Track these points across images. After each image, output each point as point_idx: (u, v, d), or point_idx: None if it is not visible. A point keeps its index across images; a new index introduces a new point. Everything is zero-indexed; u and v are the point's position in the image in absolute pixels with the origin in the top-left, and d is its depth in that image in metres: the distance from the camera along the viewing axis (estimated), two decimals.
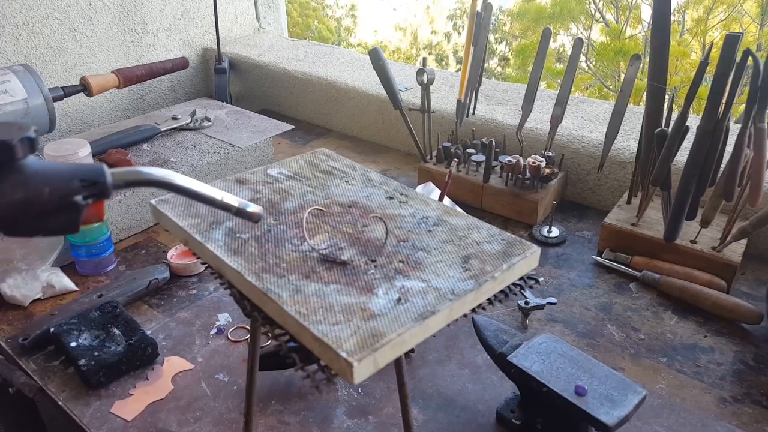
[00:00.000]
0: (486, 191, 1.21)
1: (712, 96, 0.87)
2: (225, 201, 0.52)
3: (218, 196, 0.52)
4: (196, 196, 0.51)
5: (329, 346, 0.46)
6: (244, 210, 0.52)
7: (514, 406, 0.75)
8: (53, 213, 0.45)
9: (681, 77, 5.70)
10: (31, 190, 0.44)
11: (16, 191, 0.44)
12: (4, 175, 0.44)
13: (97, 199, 0.47)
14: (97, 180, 0.46)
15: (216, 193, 0.52)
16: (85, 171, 0.46)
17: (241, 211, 0.53)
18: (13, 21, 1.40)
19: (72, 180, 0.45)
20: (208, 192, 0.51)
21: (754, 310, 0.90)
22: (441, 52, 9.90)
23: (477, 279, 0.55)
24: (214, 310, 0.95)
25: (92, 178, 0.46)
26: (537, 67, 1.22)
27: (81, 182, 0.45)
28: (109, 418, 0.76)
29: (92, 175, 0.46)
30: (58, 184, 0.45)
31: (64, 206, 0.45)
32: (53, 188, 0.44)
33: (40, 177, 0.44)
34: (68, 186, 0.45)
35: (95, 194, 0.46)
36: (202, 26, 1.83)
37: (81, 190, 0.45)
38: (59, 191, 0.45)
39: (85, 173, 0.46)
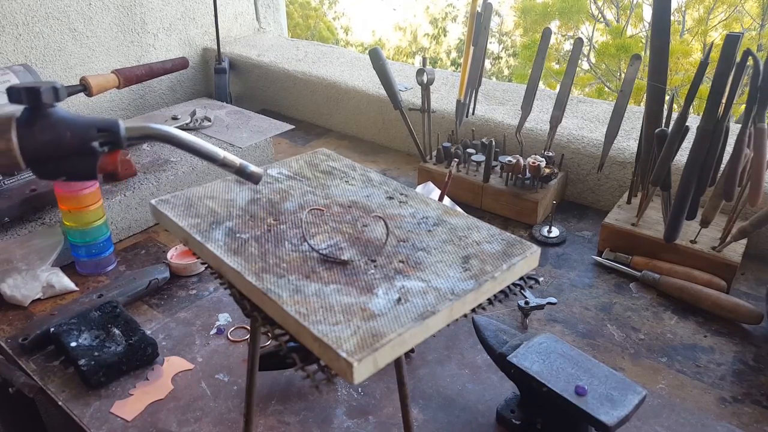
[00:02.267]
0: (486, 191, 1.21)
1: (712, 96, 0.87)
2: (227, 159, 0.56)
3: (220, 154, 0.56)
4: (199, 152, 0.56)
5: (329, 346, 0.46)
6: (244, 170, 0.57)
7: (514, 406, 0.75)
8: (74, 156, 0.51)
9: (682, 77, 5.70)
10: (56, 133, 0.50)
11: (44, 133, 0.50)
12: (35, 119, 0.50)
13: (112, 148, 0.53)
14: (113, 130, 0.52)
15: (218, 151, 0.56)
16: (103, 122, 0.52)
17: (242, 170, 0.57)
18: (13, 21, 1.40)
19: (90, 128, 0.51)
20: (210, 149, 0.56)
21: (754, 310, 0.90)
22: (436, 54, 9.90)
23: (477, 279, 0.55)
24: (214, 310, 0.95)
25: (108, 128, 0.52)
26: (536, 67, 1.22)
27: (98, 131, 0.52)
28: (109, 418, 0.76)
29: (108, 126, 0.52)
30: (79, 130, 0.51)
31: (84, 150, 0.51)
32: (74, 133, 0.51)
33: (64, 123, 0.51)
34: (87, 133, 0.51)
35: (110, 142, 0.52)
36: (202, 26, 1.83)
37: (98, 137, 0.52)
38: (79, 136, 0.51)
39: (103, 124, 0.52)
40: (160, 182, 1.17)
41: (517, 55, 8.15)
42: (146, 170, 1.20)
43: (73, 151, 0.51)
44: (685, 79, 5.67)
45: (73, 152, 0.51)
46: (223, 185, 0.71)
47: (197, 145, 0.56)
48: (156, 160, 1.24)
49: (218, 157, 0.56)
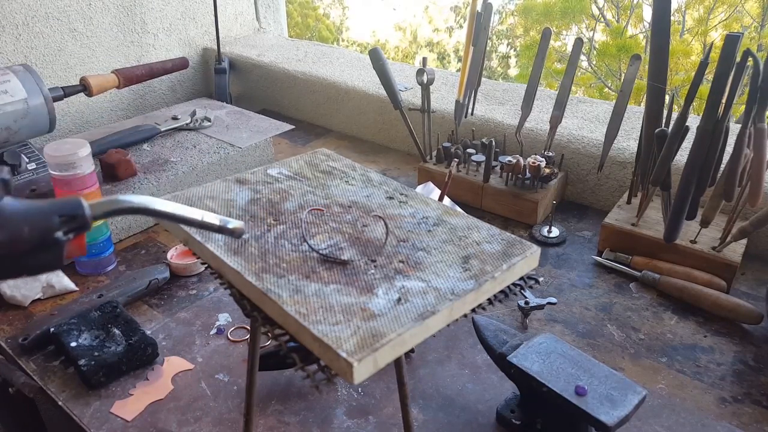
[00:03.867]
0: (486, 191, 1.21)
1: (712, 96, 0.87)
2: (205, 220, 0.52)
3: (198, 216, 0.52)
4: (176, 218, 0.51)
5: (329, 346, 0.46)
6: (225, 227, 0.53)
7: (514, 406, 0.75)
8: (35, 251, 0.45)
9: (682, 77, 5.70)
10: (11, 231, 0.43)
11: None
12: None
13: (78, 233, 0.47)
14: (76, 214, 0.46)
15: (195, 213, 0.52)
16: (63, 206, 0.46)
17: (223, 228, 0.53)
18: (13, 21, 1.40)
19: (51, 216, 0.45)
20: (187, 214, 0.52)
21: (754, 310, 0.90)
22: (442, 51, 9.88)
23: (477, 279, 0.55)
24: (214, 310, 0.95)
25: (71, 212, 0.46)
26: (537, 67, 1.22)
27: (60, 218, 0.45)
28: (109, 418, 0.76)
29: (71, 209, 0.46)
30: (38, 222, 0.44)
31: (46, 243, 0.45)
32: (33, 226, 0.44)
33: (19, 216, 0.44)
34: (48, 223, 0.45)
35: (75, 228, 0.46)
36: (202, 26, 1.83)
37: (61, 226, 0.45)
38: (39, 229, 0.44)
39: (64, 208, 0.46)
40: (160, 182, 1.17)
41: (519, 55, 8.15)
42: (146, 170, 1.20)
43: (33, 246, 0.44)
44: (685, 79, 5.66)
45: (33, 247, 0.44)
46: (223, 185, 0.71)
47: (173, 213, 0.51)
48: (156, 160, 1.24)
49: (196, 221, 0.52)
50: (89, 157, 0.96)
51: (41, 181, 1.08)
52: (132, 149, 1.28)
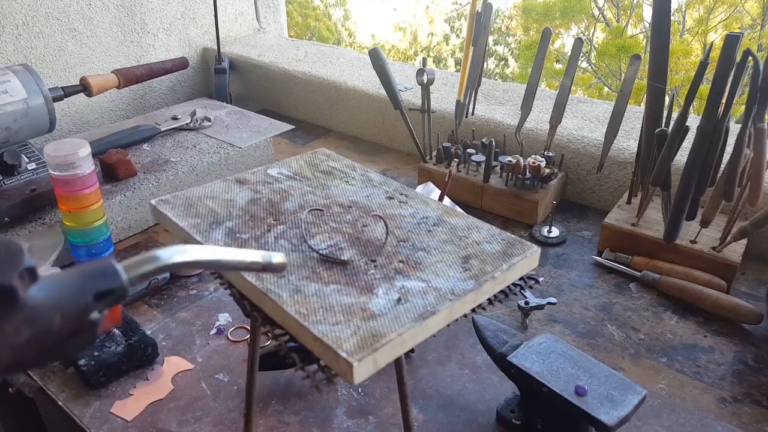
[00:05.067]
0: (486, 191, 1.21)
1: (712, 96, 0.87)
2: (249, 260, 0.47)
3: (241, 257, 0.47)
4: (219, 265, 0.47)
5: (329, 346, 0.46)
6: (269, 264, 0.48)
7: (514, 406, 0.75)
8: (68, 338, 0.39)
9: (682, 77, 5.70)
10: (39, 325, 0.36)
11: (20, 332, 0.36)
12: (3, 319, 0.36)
13: (114, 305, 0.41)
14: (113, 288, 0.40)
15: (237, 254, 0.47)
16: (97, 280, 0.40)
17: (267, 266, 0.48)
18: (13, 21, 1.40)
19: (84, 296, 0.39)
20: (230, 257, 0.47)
21: (754, 310, 0.90)
22: (439, 54, 9.89)
23: (477, 279, 0.55)
24: (214, 310, 0.95)
25: (107, 287, 0.40)
26: (537, 68, 1.22)
27: (96, 297, 0.39)
28: (109, 418, 0.76)
29: (106, 284, 0.40)
30: (70, 307, 0.38)
31: (81, 329, 0.39)
32: (65, 314, 0.38)
33: (48, 305, 0.37)
34: (81, 305, 0.39)
35: (112, 302, 0.40)
36: (202, 26, 1.83)
37: (96, 305, 0.39)
38: (72, 315, 0.38)
39: (98, 283, 0.40)
40: (160, 182, 1.17)
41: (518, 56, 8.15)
42: (146, 170, 1.20)
43: (65, 335, 0.38)
44: (685, 79, 5.67)
45: (66, 335, 0.38)
46: (223, 185, 0.71)
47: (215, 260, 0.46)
48: (156, 160, 1.24)
49: (242, 263, 0.47)
50: (89, 157, 0.96)
51: (41, 181, 1.08)
52: (132, 149, 1.28)
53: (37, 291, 0.37)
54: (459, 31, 9.81)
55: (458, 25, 9.80)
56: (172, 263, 0.43)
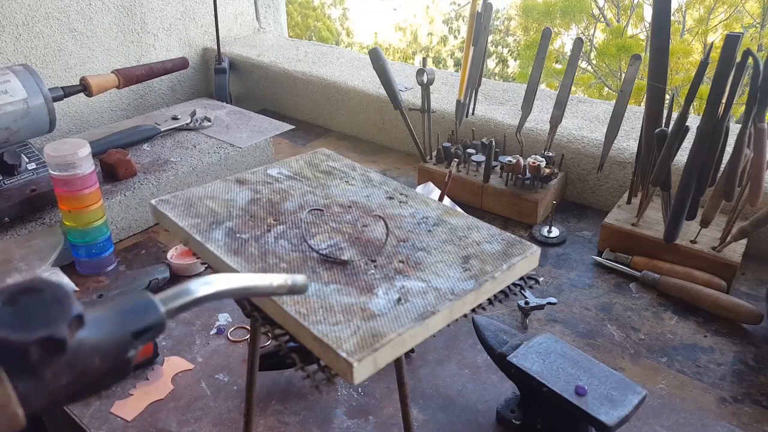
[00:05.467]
0: (486, 191, 1.21)
1: (712, 96, 0.87)
2: (276, 285, 0.48)
3: (269, 281, 0.48)
4: (249, 292, 0.47)
5: (329, 346, 0.46)
6: (295, 286, 0.49)
7: (514, 406, 0.75)
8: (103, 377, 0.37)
9: (682, 77, 5.70)
10: (79, 369, 0.35)
11: (59, 377, 0.34)
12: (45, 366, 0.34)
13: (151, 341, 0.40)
14: (154, 325, 0.39)
15: (266, 279, 0.48)
16: (138, 316, 0.39)
17: (293, 288, 0.49)
18: (13, 21, 1.40)
19: (124, 335, 0.38)
20: (259, 282, 0.47)
21: (754, 310, 0.90)
22: (437, 55, 9.89)
23: (477, 279, 0.55)
24: (214, 310, 0.95)
25: (147, 324, 0.39)
26: (537, 68, 1.22)
27: (134, 335, 0.38)
28: (109, 418, 0.76)
29: (146, 321, 0.39)
30: (110, 348, 0.37)
31: (118, 367, 0.38)
32: (104, 355, 0.37)
33: (88, 348, 0.36)
34: (121, 344, 0.38)
35: (150, 338, 0.39)
36: (202, 26, 1.83)
37: (134, 343, 0.38)
38: (112, 356, 0.37)
39: (139, 320, 0.39)
40: (160, 182, 1.17)
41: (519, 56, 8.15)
42: (146, 170, 1.20)
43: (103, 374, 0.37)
44: (686, 79, 5.67)
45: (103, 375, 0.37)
46: (223, 185, 0.71)
47: (246, 287, 0.46)
48: (156, 160, 1.24)
49: (270, 289, 0.47)
50: (89, 157, 0.96)
51: (41, 181, 1.08)
52: (132, 149, 1.28)
53: (83, 336, 0.36)
54: (457, 33, 9.82)
55: (456, 26, 9.81)
56: (206, 295, 0.43)
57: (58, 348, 0.33)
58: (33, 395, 0.33)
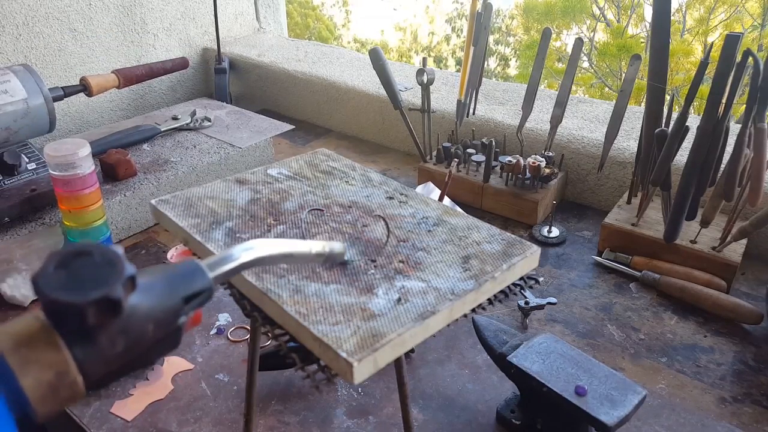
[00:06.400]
0: (486, 191, 1.21)
1: (712, 96, 0.87)
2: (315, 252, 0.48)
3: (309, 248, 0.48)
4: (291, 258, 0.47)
5: (329, 346, 0.46)
6: (331, 253, 0.49)
7: (514, 406, 0.75)
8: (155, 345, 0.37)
9: (682, 77, 5.70)
10: (134, 335, 0.35)
11: (115, 343, 0.34)
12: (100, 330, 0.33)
13: (200, 307, 0.40)
14: (203, 290, 0.39)
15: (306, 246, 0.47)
16: (187, 282, 0.38)
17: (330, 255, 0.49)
18: (13, 21, 1.40)
19: (175, 301, 0.38)
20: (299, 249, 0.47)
21: (754, 310, 0.90)
22: (439, 54, 9.89)
23: (477, 279, 0.55)
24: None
25: (197, 290, 0.39)
26: (537, 68, 1.22)
27: (185, 300, 0.38)
28: (109, 418, 0.76)
29: (195, 286, 0.39)
30: (163, 313, 0.37)
31: (169, 333, 0.38)
32: (158, 321, 0.36)
33: (142, 314, 0.35)
34: (173, 310, 0.37)
35: (200, 303, 0.39)
36: (202, 26, 1.83)
37: (185, 309, 0.38)
38: (165, 322, 0.37)
39: (188, 285, 0.38)
40: (160, 182, 1.17)
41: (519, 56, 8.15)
42: (146, 170, 1.20)
43: (155, 341, 0.37)
44: (686, 79, 5.67)
45: (155, 342, 0.37)
46: (223, 185, 0.71)
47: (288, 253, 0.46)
48: (156, 160, 1.24)
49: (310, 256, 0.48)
50: (89, 157, 0.96)
51: (41, 180, 1.08)
52: (132, 149, 1.28)
53: (136, 301, 0.35)
54: (460, 31, 9.81)
55: (459, 25, 9.81)
56: (249, 260, 0.43)
57: (114, 309, 0.33)
58: (91, 363, 0.33)
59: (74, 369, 0.32)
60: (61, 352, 0.32)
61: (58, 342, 0.32)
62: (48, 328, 0.32)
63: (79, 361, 0.32)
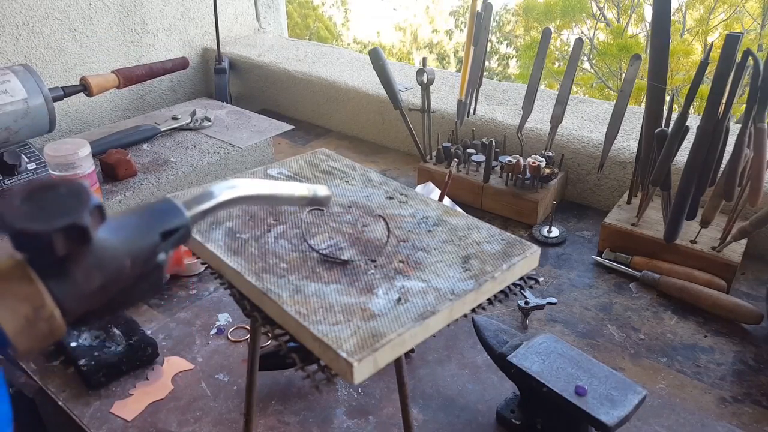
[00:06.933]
0: (486, 191, 1.21)
1: (712, 96, 0.87)
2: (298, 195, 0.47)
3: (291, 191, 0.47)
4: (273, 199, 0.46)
5: (329, 346, 0.46)
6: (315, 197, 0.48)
7: (514, 406, 0.75)
8: (136, 283, 0.37)
9: (682, 77, 5.70)
10: (110, 270, 0.35)
11: (92, 278, 0.34)
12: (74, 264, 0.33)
13: (179, 245, 0.40)
14: (180, 225, 0.38)
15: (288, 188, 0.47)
16: (163, 218, 0.38)
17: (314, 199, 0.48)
18: (13, 21, 1.40)
19: (152, 236, 0.37)
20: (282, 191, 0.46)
21: (754, 310, 0.90)
22: (442, 51, 9.89)
23: (477, 279, 0.55)
24: (214, 310, 0.95)
25: (173, 226, 0.38)
26: (537, 67, 1.22)
27: (163, 236, 0.38)
28: (109, 418, 0.76)
29: (172, 222, 0.38)
30: (140, 249, 0.36)
31: (149, 270, 0.37)
32: (135, 255, 0.36)
33: (118, 248, 0.35)
34: (150, 245, 0.37)
35: (178, 241, 0.39)
36: (202, 26, 1.83)
37: (163, 245, 0.38)
38: (142, 257, 0.36)
39: (164, 221, 0.38)
40: (160, 182, 1.17)
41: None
42: (146, 170, 1.20)
43: (134, 279, 0.36)
44: (686, 79, 5.67)
45: (134, 281, 0.37)
46: None
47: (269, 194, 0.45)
48: (156, 160, 1.24)
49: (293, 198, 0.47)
50: (89, 157, 0.96)
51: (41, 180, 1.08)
52: (132, 149, 1.28)
53: (106, 232, 0.35)
54: (463, 26, 9.79)
55: (463, 20, 9.78)
56: (229, 199, 0.42)
57: (82, 237, 0.33)
58: (67, 297, 0.33)
59: (50, 302, 0.32)
60: (34, 285, 0.32)
61: (31, 275, 0.32)
62: (21, 263, 0.32)
63: (54, 295, 0.32)
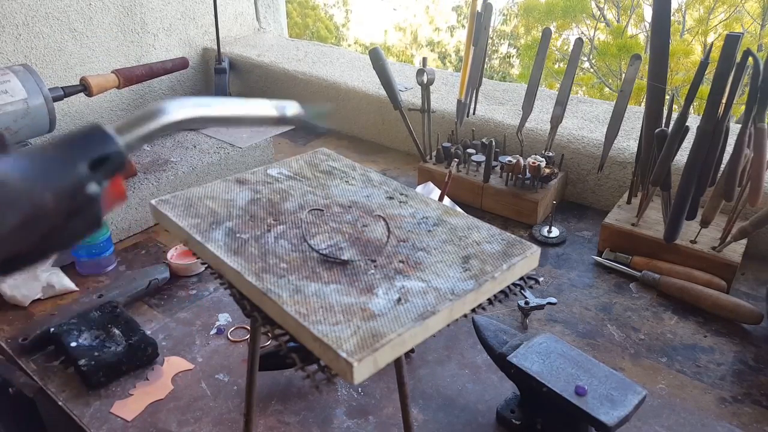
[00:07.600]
0: (486, 191, 1.21)
1: (712, 96, 0.87)
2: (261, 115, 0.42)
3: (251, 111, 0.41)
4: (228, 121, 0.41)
5: (329, 346, 0.46)
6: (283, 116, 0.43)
7: (514, 406, 0.75)
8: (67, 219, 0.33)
9: (682, 77, 5.70)
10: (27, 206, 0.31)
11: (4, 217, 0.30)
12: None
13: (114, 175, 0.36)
14: (109, 153, 0.35)
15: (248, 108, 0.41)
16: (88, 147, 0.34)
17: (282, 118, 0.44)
18: (13, 21, 1.40)
19: (76, 167, 0.33)
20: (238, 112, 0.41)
21: (754, 310, 0.90)
22: (443, 50, 9.88)
23: (477, 279, 0.55)
24: (214, 310, 0.95)
25: (101, 154, 0.34)
26: (537, 68, 1.22)
27: (91, 166, 0.34)
28: (109, 418, 0.76)
29: (100, 150, 0.34)
30: (61, 180, 0.33)
31: (79, 205, 0.34)
32: (56, 189, 0.32)
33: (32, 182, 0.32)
34: (74, 177, 0.33)
35: (111, 171, 0.35)
36: (202, 26, 1.83)
37: (93, 176, 0.34)
38: (66, 190, 0.33)
39: (90, 151, 0.34)
40: (160, 182, 1.17)
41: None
42: (146, 170, 1.20)
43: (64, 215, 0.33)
44: (686, 79, 5.67)
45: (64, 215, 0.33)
46: (223, 185, 0.71)
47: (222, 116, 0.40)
48: (156, 160, 1.24)
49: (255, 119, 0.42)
50: None
51: None
52: None
53: (13, 167, 0.32)
54: (465, 21, 9.78)
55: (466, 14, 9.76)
56: (174, 121, 0.38)
57: None
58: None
59: None
60: None
61: None
62: None
63: None
